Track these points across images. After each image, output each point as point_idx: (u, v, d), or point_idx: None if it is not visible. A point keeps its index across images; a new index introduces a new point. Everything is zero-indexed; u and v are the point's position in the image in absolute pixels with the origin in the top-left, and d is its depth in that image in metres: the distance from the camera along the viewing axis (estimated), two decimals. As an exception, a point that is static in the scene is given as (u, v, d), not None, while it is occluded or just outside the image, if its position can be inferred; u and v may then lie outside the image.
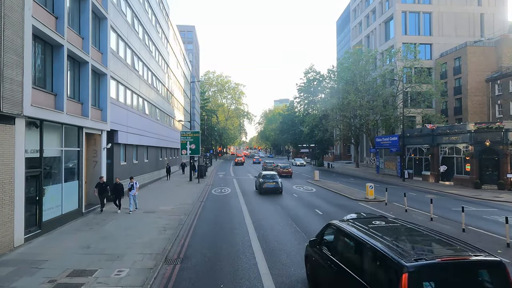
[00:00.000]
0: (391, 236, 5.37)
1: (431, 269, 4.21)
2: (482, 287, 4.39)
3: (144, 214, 15.62)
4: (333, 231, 6.58)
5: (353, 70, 43.31)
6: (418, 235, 5.62)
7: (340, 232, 6.23)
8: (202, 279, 8.24)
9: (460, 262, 4.30)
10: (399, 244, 4.94)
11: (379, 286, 4.62)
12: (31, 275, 8.14)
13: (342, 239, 6.06)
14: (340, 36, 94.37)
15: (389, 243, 4.93)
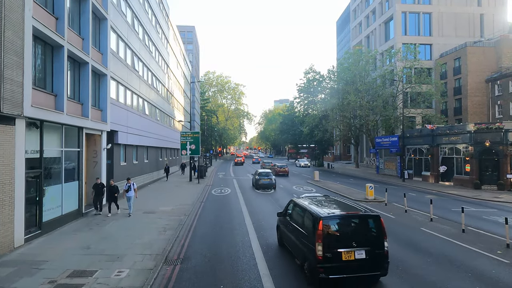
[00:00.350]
0: (321, 205, 8.83)
1: (335, 217, 7.74)
2: (367, 228, 7.78)
3: (144, 215, 15.63)
4: (292, 204, 9.90)
5: (353, 70, 43.32)
6: (337, 204, 9.10)
7: (296, 204, 9.58)
8: (202, 279, 8.25)
9: (352, 215, 7.88)
10: (323, 208, 8.35)
11: (309, 230, 7.89)
12: (31, 276, 8.15)
13: (296, 208, 9.37)
14: (340, 36, 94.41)
15: (318, 208, 8.36)
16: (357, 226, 7.83)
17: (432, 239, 11.85)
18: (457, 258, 9.80)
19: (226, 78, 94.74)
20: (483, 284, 7.99)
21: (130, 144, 23.02)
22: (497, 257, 9.85)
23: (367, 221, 7.80)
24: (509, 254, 10.09)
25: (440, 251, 10.41)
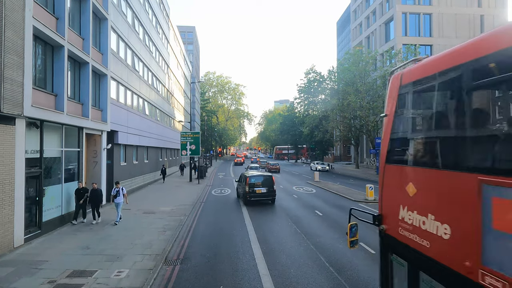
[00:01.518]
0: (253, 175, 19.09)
1: (253, 176, 18.85)
2: (267, 180, 18.74)
3: (144, 215, 15.62)
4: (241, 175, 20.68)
5: (353, 71, 43.31)
6: (262, 175, 19.29)
7: (241, 174, 20.50)
8: (202, 280, 8.24)
9: (260, 175, 19.33)
10: (253, 176, 18.94)
11: (243, 186, 18.82)
12: (30, 276, 8.15)
13: (242, 176, 20.16)
14: (341, 37, 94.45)
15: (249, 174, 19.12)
16: (263, 179, 18.73)
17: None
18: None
19: (227, 78, 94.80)
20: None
21: (130, 144, 23.03)
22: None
23: (267, 177, 18.82)
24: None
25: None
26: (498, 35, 2.86)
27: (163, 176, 31.03)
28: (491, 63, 2.89)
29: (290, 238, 12.01)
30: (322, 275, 8.54)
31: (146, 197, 21.33)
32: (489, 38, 3.00)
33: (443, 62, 3.39)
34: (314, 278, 8.35)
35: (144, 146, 26.87)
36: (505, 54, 2.62)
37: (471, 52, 3.15)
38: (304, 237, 11.99)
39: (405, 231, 3.74)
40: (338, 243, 11.36)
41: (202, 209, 17.73)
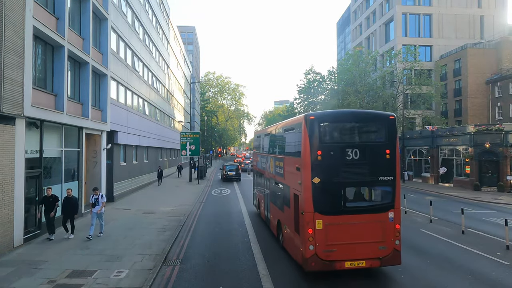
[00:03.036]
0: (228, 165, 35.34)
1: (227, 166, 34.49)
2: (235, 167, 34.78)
3: (143, 215, 15.62)
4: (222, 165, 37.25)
5: (353, 71, 43.31)
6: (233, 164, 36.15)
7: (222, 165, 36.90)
8: (202, 280, 8.24)
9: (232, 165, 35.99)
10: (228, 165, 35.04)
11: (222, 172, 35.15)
12: (30, 276, 8.14)
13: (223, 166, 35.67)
14: (341, 37, 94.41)
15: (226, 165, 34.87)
16: (233, 167, 33.81)
17: (432, 240, 11.85)
18: (456, 259, 9.79)
19: (226, 78, 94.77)
20: (483, 285, 7.98)
21: (130, 145, 23.02)
22: (497, 258, 9.84)
23: (235, 166, 34.51)
24: (508, 256, 10.08)
25: (440, 252, 10.40)
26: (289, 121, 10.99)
27: (159, 179, 28.93)
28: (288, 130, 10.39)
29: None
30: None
31: (145, 197, 21.33)
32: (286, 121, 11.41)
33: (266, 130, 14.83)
34: (314, 277, 8.33)
35: (144, 146, 26.87)
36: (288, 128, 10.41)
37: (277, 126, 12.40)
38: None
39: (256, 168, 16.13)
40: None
41: (202, 209, 17.73)
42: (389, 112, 12.14)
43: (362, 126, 8.71)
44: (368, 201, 8.61)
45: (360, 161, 8.15)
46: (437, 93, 38.99)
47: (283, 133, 10.89)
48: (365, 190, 8.66)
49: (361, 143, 8.41)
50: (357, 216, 8.20)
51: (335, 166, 8.13)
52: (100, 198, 11.95)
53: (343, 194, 8.18)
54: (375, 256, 8.12)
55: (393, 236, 8.42)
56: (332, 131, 8.48)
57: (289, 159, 9.73)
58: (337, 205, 8.10)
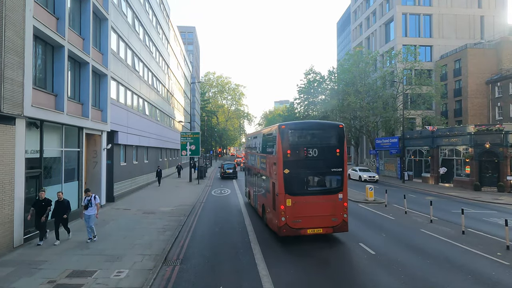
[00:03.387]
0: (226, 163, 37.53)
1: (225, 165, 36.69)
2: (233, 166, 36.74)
3: (143, 215, 15.61)
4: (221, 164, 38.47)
5: (353, 71, 43.31)
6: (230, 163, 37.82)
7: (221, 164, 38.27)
8: (202, 280, 8.24)
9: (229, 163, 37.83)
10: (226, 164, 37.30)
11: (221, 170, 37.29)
12: (30, 276, 8.14)
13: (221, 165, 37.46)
14: (341, 37, 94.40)
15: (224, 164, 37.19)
16: (230, 166, 35.87)
17: (432, 240, 11.84)
18: (457, 259, 9.79)
19: (227, 78, 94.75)
20: (483, 285, 7.98)
21: (130, 145, 23.02)
22: (497, 259, 9.84)
23: (233, 165, 36.37)
24: (509, 256, 10.08)
25: (440, 252, 10.40)
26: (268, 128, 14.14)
27: (158, 179, 28.23)
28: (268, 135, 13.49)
29: (290, 238, 11.98)
30: (322, 275, 8.53)
31: (145, 197, 21.33)
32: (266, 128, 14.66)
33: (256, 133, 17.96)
34: (314, 278, 8.34)
35: (144, 146, 26.86)
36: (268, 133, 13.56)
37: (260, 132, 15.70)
38: (303, 239, 11.98)
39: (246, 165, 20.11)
40: (338, 243, 11.36)
41: (202, 209, 17.73)
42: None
43: (319, 133, 12.11)
44: (323, 186, 11.72)
45: (318, 157, 11.41)
46: (437, 93, 38.99)
47: (265, 137, 14.00)
48: (322, 178, 11.78)
49: (318, 144, 11.61)
50: (316, 196, 11.36)
51: (300, 161, 11.31)
52: (93, 199, 11.33)
53: (306, 181, 11.50)
54: (329, 225, 11.28)
55: (342, 211, 11.45)
56: (297, 136, 11.76)
57: (269, 157, 12.89)
58: (301, 189, 11.30)
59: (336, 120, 50.32)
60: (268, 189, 13.06)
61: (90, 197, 11.31)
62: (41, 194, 10.70)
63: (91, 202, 11.25)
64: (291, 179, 11.18)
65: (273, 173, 12.01)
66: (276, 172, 11.57)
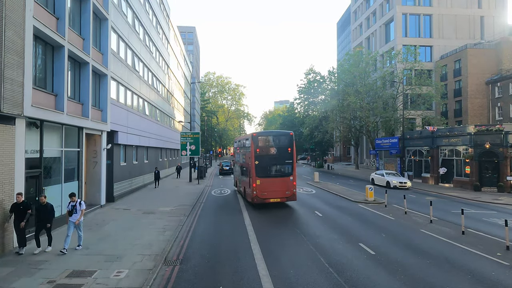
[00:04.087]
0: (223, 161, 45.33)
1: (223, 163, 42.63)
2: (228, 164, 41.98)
3: (143, 215, 15.62)
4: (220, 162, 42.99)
5: (353, 71, 43.33)
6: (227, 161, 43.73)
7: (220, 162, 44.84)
8: (202, 280, 8.24)
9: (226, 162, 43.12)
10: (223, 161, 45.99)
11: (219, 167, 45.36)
12: (30, 276, 8.14)
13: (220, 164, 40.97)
14: (341, 37, 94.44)
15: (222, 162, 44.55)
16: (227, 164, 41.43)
17: (432, 241, 11.84)
18: (456, 260, 9.79)
19: (227, 79, 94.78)
20: (483, 286, 7.98)
21: (130, 145, 23.02)
22: (497, 259, 9.84)
23: (230, 162, 40.21)
24: (509, 256, 10.08)
25: (440, 253, 10.40)
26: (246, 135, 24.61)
27: (156, 181, 27.15)
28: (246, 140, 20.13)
29: (289, 238, 12.00)
30: (322, 275, 8.54)
31: (145, 197, 21.33)
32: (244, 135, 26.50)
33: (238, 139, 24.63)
34: (314, 278, 8.35)
35: (144, 146, 26.87)
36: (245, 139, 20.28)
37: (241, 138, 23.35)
38: (304, 238, 11.99)
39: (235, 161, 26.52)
40: (338, 243, 11.36)
41: (201, 209, 17.73)
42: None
43: (277, 138, 18.61)
44: (280, 172, 17.86)
45: (276, 153, 17.92)
46: (437, 94, 39.01)
47: (244, 141, 20.57)
48: (279, 167, 17.91)
49: (276, 145, 18.12)
50: (275, 178, 17.62)
51: (265, 155, 17.77)
52: (78, 205, 10.41)
53: (269, 168, 17.66)
54: (284, 196, 17.59)
55: (292, 187, 17.70)
56: (263, 140, 18.35)
57: (246, 154, 19.26)
58: (266, 173, 17.50)
59: (336, 120, 50.53)
60: (245, 174, 19.63)
61: (75, 203, 10.38)
62: (18, 197, 9.63)
63: (75, 208, 10.30)
64: (260, 167, 17.50)
65: (249, 164, 18.30)
66: (250, 163, 17.93)
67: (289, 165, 17.82)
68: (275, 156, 17.83)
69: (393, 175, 29.18)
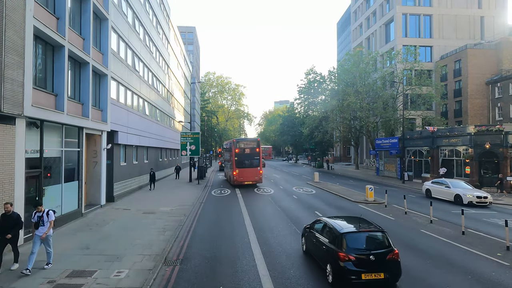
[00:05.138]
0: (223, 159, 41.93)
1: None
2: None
3: (143, 215, 15.62)
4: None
5: (353, 72, 43.33)
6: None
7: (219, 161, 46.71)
8: (202, 280, 8.24)
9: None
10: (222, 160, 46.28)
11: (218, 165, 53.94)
12: (30, 276, 8.13)
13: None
14: (341, 37, 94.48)
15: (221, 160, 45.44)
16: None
17: (432, 241, 11.84)
18: (457, 260, 9.79)
19: (227, 79, 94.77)
20: (483, 286, 7.98)
21: (130, 145, 23.02)
22: (497, 259, 9.84)
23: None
24: (509, 257, 10.08)
25: (440, 253, 10.40)
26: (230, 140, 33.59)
27: (151, 183, 25.35)
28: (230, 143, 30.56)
29: (290, 238, 12.00)
30: (321, 275, 8.53)
31: (145, 197, 21.33)
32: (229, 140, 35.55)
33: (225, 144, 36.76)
34: (314, 278, 8.34)
35: (144, 146, 26.87)
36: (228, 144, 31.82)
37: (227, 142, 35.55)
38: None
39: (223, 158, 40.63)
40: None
41: (202, 210, 17.73)
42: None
43: (249, 142, 28.48)
44: (251, 164, 26.74)
45: (248, 152, 27.07)
46: (437, 94, 38.99)
47: (228, 144, 30.19)
48: (250, 161, 26.76)
49: (249, 147, 27.34)
50: (248, 168, 26.59)
51: (242, 154, 26.80)
52: (46, 216, 8.75)
53: (244, 162, 26.67)
54: (254, 180, 26.76)
55: (259, 175, 26.85)
56: (241, 144, 27.52)
57: (230, 153, 28.26)
58: (242, 165, 26.56)
59: (336, 120, 50.58)
60: (229, 167, 29.39)
61: (42, 213, 8.78)
62: None
63: (42, 220, 8.70)
64: (238, 161, 26.54)
65: (232, 159, 27.23)
66: (232, 159, 27.28)
67: (257, 160, 26.98)
68: (248, 154, 26.96)
69: (462, 185, 20.83)
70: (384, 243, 8.14)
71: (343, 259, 7.62)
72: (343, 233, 8.13)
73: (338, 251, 7.87)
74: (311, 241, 9.73)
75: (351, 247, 7.88)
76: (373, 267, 7.61)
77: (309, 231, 10.07)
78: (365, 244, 8.09)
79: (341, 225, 8.69)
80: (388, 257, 7.79)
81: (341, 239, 8.02)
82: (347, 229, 8.33)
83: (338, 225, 8.66)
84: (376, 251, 7.88)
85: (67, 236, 11.85)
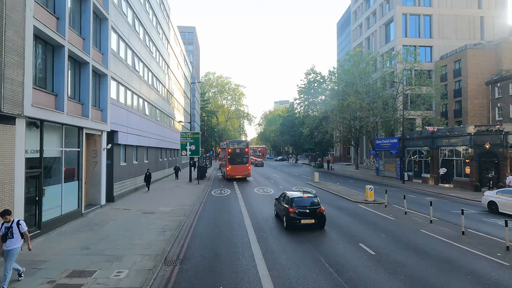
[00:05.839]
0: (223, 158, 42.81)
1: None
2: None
3: (143, 215, 15.61)
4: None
5: (353, 72, 43.34)
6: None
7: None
8: (202, 280, 8.24)
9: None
10: None
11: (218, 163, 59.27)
12: (30, 276, 8.13)
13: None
14: (341, 37, 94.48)
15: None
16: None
17: (432, 241, 11.85)
18: (456, 260, 9.79)
19: (227, 79, 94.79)
20: (483, 286, 7.98)
21: (130, 145, 23.01)
22: (497, 259, 9.84)
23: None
24: (508, 257, 10.08)
25: (440, 253, 10.40)
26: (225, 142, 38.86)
27: (146, 183, 24.30)
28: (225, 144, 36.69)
29: (289, 237, 12.00)
30: (322, 276, 8.54)
31: (145, 197, 21.32)
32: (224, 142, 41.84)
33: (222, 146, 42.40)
34: (314, 278, 8.35)
35: (144, 146, 26.86)
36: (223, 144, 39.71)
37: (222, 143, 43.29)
38: (303, 238, 11.98)
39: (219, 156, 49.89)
40: (338, 244, 11.37)
41: (202, 210, 17.73)
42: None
43: (240, 143, 34.57)
44: (241, 161, 32.91)
45: (239, 152, 33.24)
46: (437, 94, 39.00)
47: (224, 145, 36.82)
48: (240, 159, 32.96)
49: (240, 147, 33.52)
50: (239, 165, 32.63)
51: (234, 153, 33.05)
52: (16, 227, 7.57)
53: (236, 159, 32.82)
54: (243, 175, 32.70)
55: (248, 170, 33.08)
56: (233, 146, 33.53)
57: (225, 152, 35.06)
58: (234, 162, 32.69)
59: (336, 120, 50.59)
60: (224, 164, 35.51)
61: (11, 223, 7.53)
62: None
63: (11, 232, 7.51)
64: (231, 159, 32.51)
65: (226, 157, 32.97)
66: (225, 157, 33.31)
67: (246, 158, 32.99)
68: (239, 153, 32.85)
69: None
70: (316, 203, 13.36)
71: (291, 212, 12.91)
72: (292, 198, 13.48)
73: (289, 207, 13.08)
74: (278, 207, 14.89)
75: (296, 205, 13.07)
76: (308, 216, 12.96)
77: (277, 201, 15.40)
78: (304, 203, 13.20)
79: (293, 194, 14.07)
80: (317, 211, 13.11)
81: (291, 201, 13.29)
82: (294, 196, 13.69)
83: (290, 194, 14.08)
84: (310, 207, 13.12)
85: (67, 236, 11.84)
